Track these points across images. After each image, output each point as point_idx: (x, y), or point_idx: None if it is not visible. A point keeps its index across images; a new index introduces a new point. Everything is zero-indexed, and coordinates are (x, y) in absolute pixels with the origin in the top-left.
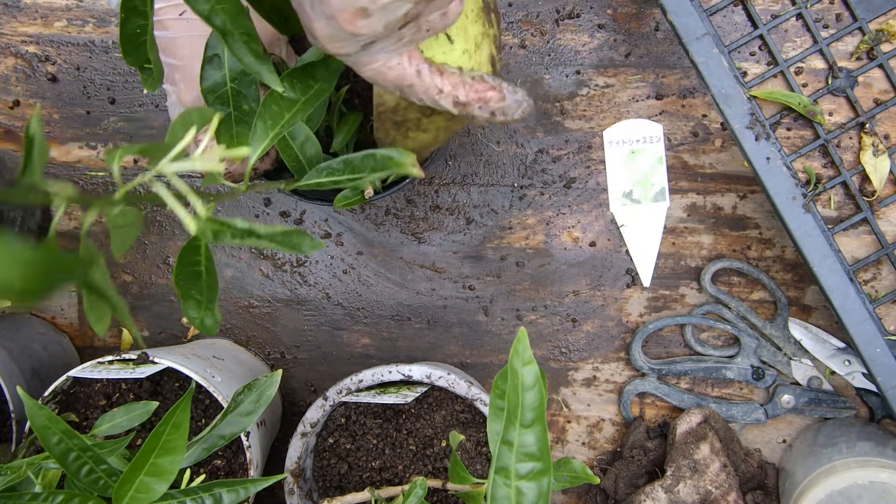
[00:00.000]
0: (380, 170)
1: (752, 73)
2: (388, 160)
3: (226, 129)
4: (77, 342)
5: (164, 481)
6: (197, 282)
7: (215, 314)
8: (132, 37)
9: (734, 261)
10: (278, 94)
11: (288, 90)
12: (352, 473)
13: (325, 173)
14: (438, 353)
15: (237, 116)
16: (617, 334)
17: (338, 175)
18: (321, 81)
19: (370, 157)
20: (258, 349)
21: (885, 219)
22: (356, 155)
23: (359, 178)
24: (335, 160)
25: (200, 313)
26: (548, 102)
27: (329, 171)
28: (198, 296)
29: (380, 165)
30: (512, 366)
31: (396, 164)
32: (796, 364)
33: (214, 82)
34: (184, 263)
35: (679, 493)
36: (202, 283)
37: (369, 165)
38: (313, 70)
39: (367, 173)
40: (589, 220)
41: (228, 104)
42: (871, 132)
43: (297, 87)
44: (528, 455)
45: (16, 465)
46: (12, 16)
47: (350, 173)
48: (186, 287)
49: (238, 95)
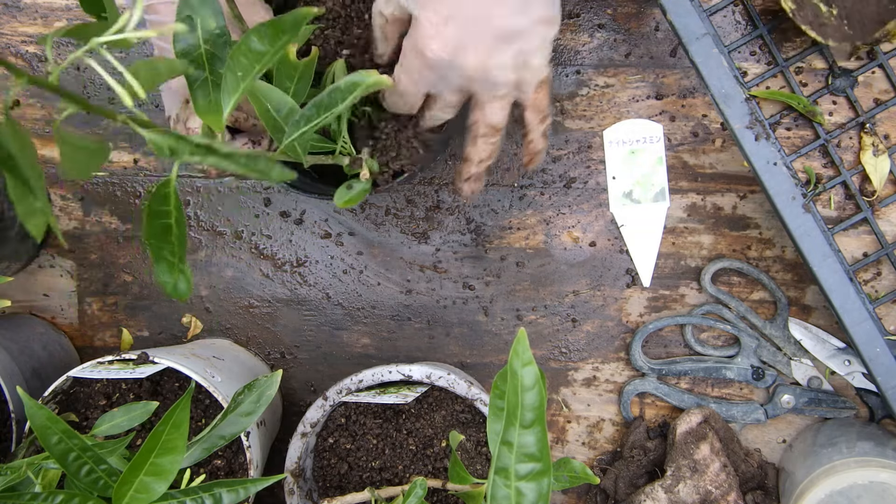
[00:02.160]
0: (349, 95)
1: (752, 73)
2: (354, 84)
3: (203, 95)
4: (77, 342)
5: (164, 481)
6: (167, 237)
7: (187, 275)
8: None
9: (734, 261)
10: (245, 47)
11: (255, 42)
12: (352, 473)
13: (304, 122)
14: (438, 353)
15: (213, 81)
16: (617, 334)
17: (315, 119)
18: (289, 33)
19: (335, 90)
20: (258, 349)
21: (885, 219)
22: (321, 94)
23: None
24: (305, 107)
25: (174, 276)
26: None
27: (306, 119)
28: (169, 256)
29: (348, 91)
30: (512, 366)
31: (360, 84)
32: (796, 364)
33: (188, 45)
34: (152, 215)
35: (679, 493)
36: (173, 238)
37: (338, 98)
38: (280, 22)
39: (340, 105)
40: (589, 220)
41: (204, 67)
42: (871, 132)
43: (265, 39)
44: (527, 455)
45: (16, 465)
46: (12, 16)
47: (325, 110)
48: (158, 245)
49: (213, 58)
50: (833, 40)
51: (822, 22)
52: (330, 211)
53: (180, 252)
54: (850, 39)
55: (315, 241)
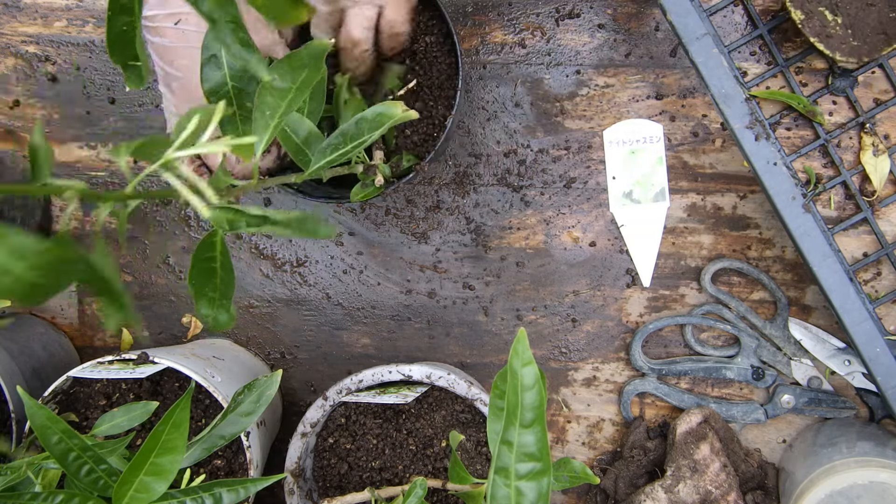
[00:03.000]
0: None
1: (752, 73)
2: (381, 116)
3: (231, 128)
4: (77, 342)
5: (164, 481)
6: (212, 279)
7: (230, 311)
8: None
9: (734, 261)
10: (270, 86)
11: (277, 80)
12: (352, 473)
13: (330, 150)
14: (438, 353)
15: (241, 115)
16: (617, 334)
17: (342, 148)
18: (308, 67)
19: (362, 120)
20: (258, 349)
21: (885, 219)
22: (348, 124)
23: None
24: (332, 136)
25: (213, 311)
26: (548, 102)
27: (333, 148)
28: (211, 293)
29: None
30: (511, 366)
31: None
32: (796, 364)
33: (215, 83)
34: (199, 260)
35: (679, 493)
36: (217, 279)
37: (365, 127)
38: (298, 57)
39: (366, 135)
40: (589, 220)
41: (231, 103)
42: (871, 132)
43: (286, 76)
44: (527, 455)
45: (16, 465)
46: (12, 16)
47: (351, 142)
48: (200, 285)
49: (240, 94)
50: (840, 53)
51: (828, 33)
52: (330, 211)
53: (224, 291)
54: (856, 53)
55: (315, 241)
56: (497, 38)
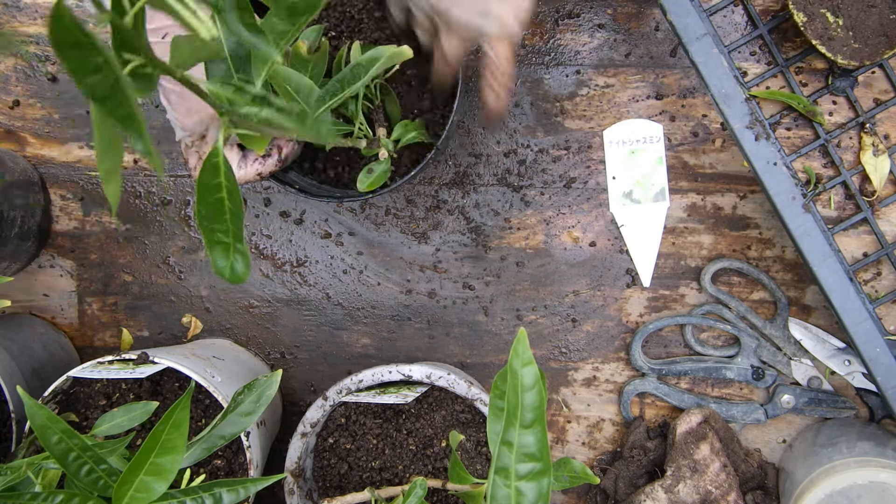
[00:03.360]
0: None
1: (752, 73)
2: (374, 58)
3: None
4: (77, 342)
5: (164, 481)
6: (221, 214)
7: (245, 254)
8: None
9: (734, 261)
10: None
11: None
12: (352, 473)
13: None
14: (438, 353)
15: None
16: (617, 334)
17: (339, 94)
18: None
19: (357, 65)
20: (258, 349)
21: (885, 219)
22: (343, 71)
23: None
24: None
25: (229, 258)
26: (548, 102)
27: (330, 94)
28: (224, 236)
29: (369, 64)
30: (511, 366)
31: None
32: (796, 364)
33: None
34: (204, 191)
35: (679, 493)
36: (226, 214)
37: (360, 71)
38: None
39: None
40: (589, 220)
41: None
42: (871, 132)
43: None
44: (527, 455)
45: (16, 465)
46: (12, 16)
47: (348, 86)
48: (211, 226)
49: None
50: (842, 56)
51: (830, 35)
52: (330, 211)
53: (235, 230)
54: (857, 56)
55: (315, 241)
56: None
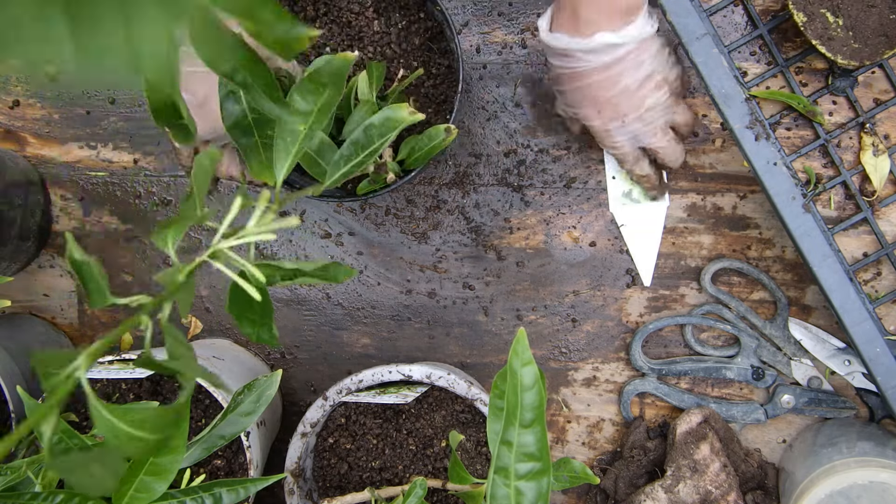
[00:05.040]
0: (386, 133)
1: (752, 73)
2: (388, 120)
3: (255, 157)
4: (77, 342)
5: (164, 481)
6: (249, 307)
7: (272, 330)
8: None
9: (734, 261)
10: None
11: (299, 101)
12: (352, 473)
13: (343, 162)
14: (438, 353)
15: (263, 143)
16: (617, 334)
17: (354, 158)
18: (329, 86)
19: (370, 126)
20: (258, 349)
21: (885, 219)
22: (356, 132)
23: (376, 151)
24: (343, 146)
25: (255, 329)
26: (548, 102)
27: (346, 159)
28: (251, 316)
29: (384, 129)
30: (511, 366)
31: (398, 121)
32: (796, 364)
33: (236, 117)
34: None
35: (679, 493)
36: (255, 307)
37: (374, 134)
38: (319, 77)
39: (377, 142)
40: (589, 220)
41: (252, 134)
42: (871, 132)
43: (307, 97)
44: (527, 455)
45: (16, 465)
46: None
47: (363, 151)
48: (240, 311)
49: (260, 124)
50: (842, 56)
51: (830, 35)
52: (330, 211)
53: (263, 315)
54: (857, 56)
55: (315, 241)
56: (497, 38)
